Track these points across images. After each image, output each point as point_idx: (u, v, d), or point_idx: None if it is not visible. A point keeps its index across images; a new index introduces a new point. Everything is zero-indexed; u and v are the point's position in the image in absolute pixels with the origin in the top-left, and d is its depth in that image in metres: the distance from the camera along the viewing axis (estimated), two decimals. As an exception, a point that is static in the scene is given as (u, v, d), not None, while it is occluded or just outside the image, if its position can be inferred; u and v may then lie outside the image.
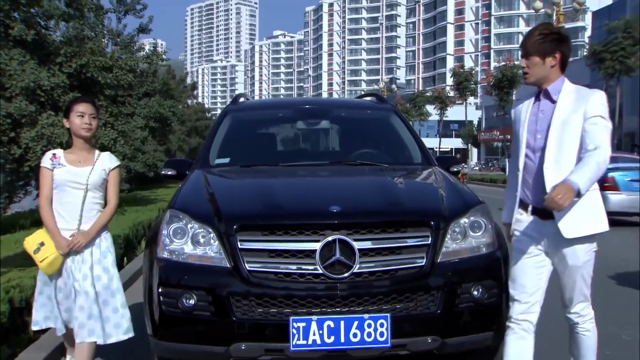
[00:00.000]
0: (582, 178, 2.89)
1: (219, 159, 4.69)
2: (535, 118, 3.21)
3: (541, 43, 3.10)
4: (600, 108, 3.06)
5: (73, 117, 3.69)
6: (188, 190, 3.90)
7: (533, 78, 3.17)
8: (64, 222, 3.61)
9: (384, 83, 54.74)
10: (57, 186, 3.61)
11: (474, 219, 3.45)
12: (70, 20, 10.63)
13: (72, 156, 3.70)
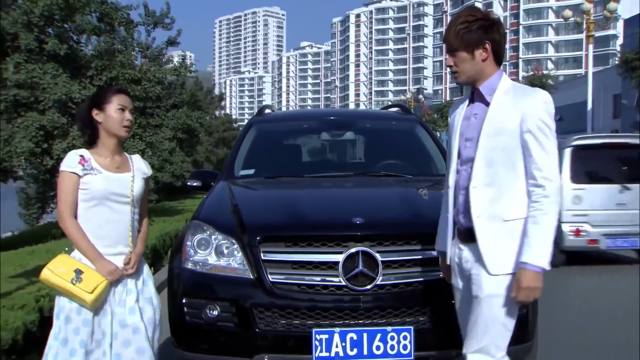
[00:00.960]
0: (542, 253, 2.40)
1: (243, 170, 4.73)
2: (467, 123, 2.65)
3: (466, 33, 2.52)
4: (542, 113, 2.47)
5: (110, 111, 2.91)
6: (212, 202, 3.94)
7: (464, 77, 2.60)
8: (106, 246, 2.86)
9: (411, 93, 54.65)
10: (93, 199, 2.83)
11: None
12: (102, 35, 10.87)
13: (105, 160, 2.92)
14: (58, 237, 12.03)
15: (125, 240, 2.92)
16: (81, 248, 2.82)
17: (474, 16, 2.55)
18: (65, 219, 2.82)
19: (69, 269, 2.78)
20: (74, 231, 2.81)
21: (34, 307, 4.32)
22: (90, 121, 2.95)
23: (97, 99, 2.98)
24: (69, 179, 2.84)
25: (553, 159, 2.46)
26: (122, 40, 14.28)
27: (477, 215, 2.52)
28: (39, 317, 4.28)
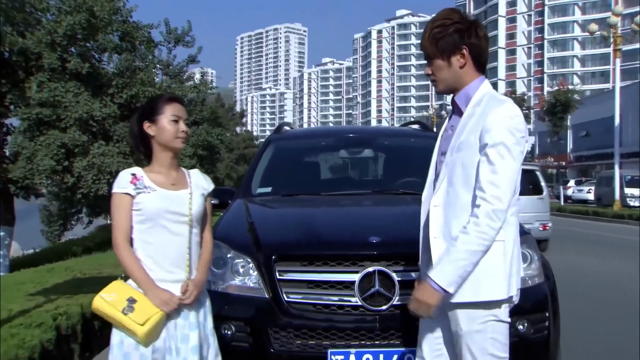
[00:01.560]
0: (446, 272, 2.22)
1: (261, 188, 4.76)
2: (445, 136, 2.50)
3: (441, 39, 2.34)
4: (501, 129, 2.23)
5: (163, 122, 2.65)
6: (228, 220, 3.96)
7: (442, 85, 2.42)
8: (162, 272, 2.59)
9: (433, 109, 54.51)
10: (148, 220, 2.59)
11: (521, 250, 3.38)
12: (123, 53, 11.07)
13: (159, 176, 2.67)
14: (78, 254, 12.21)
15: (181, 267, 2.63)
16: (134, 276, 2.57)
17: (450, 19, 2.36)
18: (118, 246, 2.58)
19: (122, 297, 2.52)
20: (127, 259, 2.56)
21: (51, 325, 4.37)
22: (143, 135, 2.70)
23: (148, 111, 2.72)
24: (122, 201, 2.60)
25: (502, 180, 2.20)
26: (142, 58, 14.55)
27: (434, 236, 2.37)
28: (56, 336, 4.33)
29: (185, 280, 2.63)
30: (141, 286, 2.56)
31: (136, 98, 10.76)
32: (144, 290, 2.55)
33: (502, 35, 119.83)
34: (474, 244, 2.21)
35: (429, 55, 2.40)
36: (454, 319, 2.36)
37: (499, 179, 2.21)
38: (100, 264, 8.15)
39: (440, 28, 2.34)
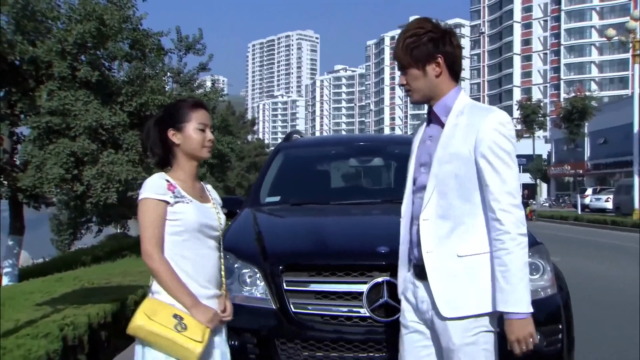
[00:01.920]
0: (520, 297, 2.20)
1: (269, 197, 4.77)
2: (422, 146, 2.46)
3: (415, 48, 2.32)
4: (498, 136, 2.24)
5: (189, 130, 2.53)
6: (236, 229, 3.97)
7: (418, 95, 2.40)
8: (198, 287, 2.47)
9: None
10: (185, 232, 2.46)
11: (531, 260, 3.35)
12: (133, 61, 11.18)
13: (186, 186, 2.54)
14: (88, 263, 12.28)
15: (217, 280, 2.56)
16: (175, 292, 2.40)
17: (422, 28, 2.34)
18: (154, 258, 2.39)
19: (166, 314, 2.35)
20: (167, 272, 2.39)
21: (57, 335, 4.39)
22: (163, 142, 2.58)
23: (172, 117, 2.58)
24: (158, 208, 2.41)
25: (511, 187, 2.24)
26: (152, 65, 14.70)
27: (427, 250, 2.33)
28: (62, 346, 4.35)
29: (221, 297, 2.58)
30: (185, 302, 2.39)
31: (146, 106, 10.86)
32: (187, 307, 2.40)
33: (518, 41, 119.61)
34: (522, 257, 2.24)
35: (404, 65, 2.37)
36: (445, 333, 2.32)
37: (510, 187, 2.24)
38: (109, 273, 8.19)
39: (414, 37, 2.33)
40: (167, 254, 2.43)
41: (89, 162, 9.86)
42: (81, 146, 9.60)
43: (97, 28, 9.92)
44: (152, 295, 2.46)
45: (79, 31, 9.80)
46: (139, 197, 2.46)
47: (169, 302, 2.40)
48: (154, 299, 2.42)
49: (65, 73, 9.96)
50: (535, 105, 57.10)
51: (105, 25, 10.02)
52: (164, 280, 2.40)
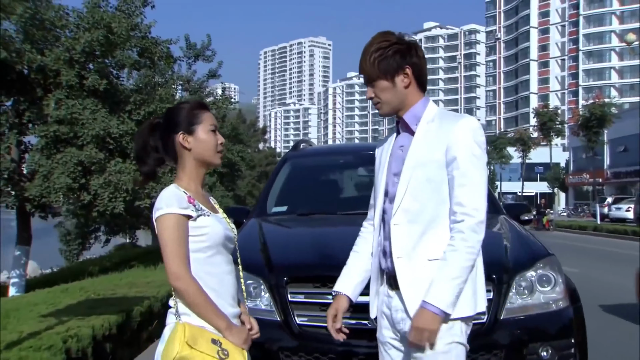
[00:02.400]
0: (443, 293, 2.18)
1: (276, 207, 4.78)
2: (394, 156, 2.48)
3: (382, 60, 2.36)
4: (469, 141, 2.29)
5: (201, 133, 2.36)
6: (241, 240, 3.96)
7: (387, 107, 2.43)
8: (227, 306, 2.35)
9: (462, 124, 54.26)
10: (211, 247, 2.33)
11: (542, 272, 3.35)
12: (141, 69, 11.28)
13: (200, 197, 2.40)
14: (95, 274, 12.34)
15: (237, 297, 2.44)
16: (207, 314, 2.26)
17: (387, 41, 2.39)
18: (183, 278, 2.22)
19: (206, 340, 2.22)
20: (197, 293, 2.24)
21: (60, 348, 4.41)
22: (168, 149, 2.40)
23: (179, 120, 2.38)
24: (181, 224, 2.26)
25: (478, 191, 2.26)
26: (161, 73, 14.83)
27: (398, 256, 2.34)
28: (65, 359, 4.37)
29: (245, 314, 2.47)
30: (219, 325, 2.26)
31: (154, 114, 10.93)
32: (221, 330, 2.27)
33: (534, 47, 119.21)
34: (465, 260, 2.22)
35: (371, 78, 2.41)
36: None
37: (475, 191, 2.26)
38: (116, 284, 8.22)
39: (381, 51, 2.37)
40: (194, 273, 2.27)
41: (96, 171, 9.95)
42: (88, 155, 9.69)
43: (105, 36, 10.03)
44: (179, 317, 2.27)
45: (86, 39, 9.92)
46: (157, 213, 2.28)
47: (200, 325, 2.26)
48: (187, 324, 2.24)
49: (73, 82, 10.07)
50: (552, 112, 56.75)
51: (113, 33, 10.13)
52: (195, 302, 2.24)
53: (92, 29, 10.10)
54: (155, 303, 6.47)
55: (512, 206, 4.75)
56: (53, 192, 9.85)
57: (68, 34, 10.72)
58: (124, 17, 10.38)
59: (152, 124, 2.47)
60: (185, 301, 2.27)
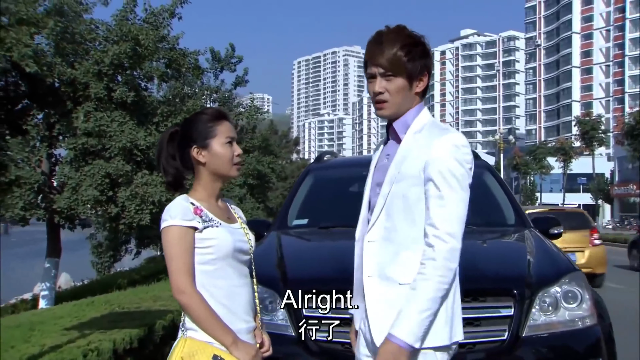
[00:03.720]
0: (411, 326, 2.05)
1: (297, 219, 4.79)
2: (380, 165, 2.34)
3: (410, 60, 2.19)
4: (449, 159, 2.13)
5: (216, 146, 2.35)
6: (258, 253, 3.98)
7: (393, 109, 2.24)
8: (237, 321, 2.32)
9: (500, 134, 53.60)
10: (218, 259, 2.31)
11: (567, 288, 3.28)
12: (169, 80, 11.48)
13: (212, 207, 2.39)
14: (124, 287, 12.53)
15: (253, 311, 2.42)
16: (212, 329, 2.24)
17: (413, 38, 2.22)
18: (186, 291, 2.22)
19: (206, 356, 2.22)
20: (202, 308, 2.23)
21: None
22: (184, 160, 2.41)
23: (193, 133, 2.38)
24: (186, 236, 2.25)
25: (453, 214, 2.11)
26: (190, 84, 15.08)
27: (369, 275, 2.24)
28: (84, 372, 4.44)
29: (258, 329, 2.42)
30: (224, 341, 2.24)
31: (181, 127, 11.12)
32: (226, 345, 2.24)
33: (577, 53, 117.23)
34: (436, 290, 2.08)
35: (390, 71, 2.19)
36: None
37: (451, 215, 2.11)
38: (141, 297, 8.33)
39: (408, 48, 2.19)
40: (199, 287, 2.26)
41: (124, 183, 10.14)
42: (115, 167, 9.89)
43: (133, 48, 10.25)
44: (185, 333, 2.28)
45: (114, 52, 10.15)
46: (162, 225, 2.29)
47: (206, 340, 2.25)
48: (189, 338, 2.25)
49: (101, 94, 10.31)
50: (594, 120, 55.72)
51: (140, 45, 10.34)
52: (198, 316, 2.23)
53: (120, 41, 10.34)
54: (179, 317, 6.51)
55: (540, 219, 4.67)
56: (81, 204, 10.07)
57: (97, 47, 10.99)
58: (151, 29, 10.60)
59: (171, 133, 2.48)
60: (190, 316, 2.27)
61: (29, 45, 9.67)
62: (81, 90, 10.88)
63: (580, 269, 3.48)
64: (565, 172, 59.85)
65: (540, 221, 4.65)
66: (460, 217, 2.14)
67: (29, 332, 6.01)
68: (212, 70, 14.58)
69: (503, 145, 49.10)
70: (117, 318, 6.29)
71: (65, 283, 22.43)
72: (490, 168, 5.25)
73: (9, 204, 10.27)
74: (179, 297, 2.25)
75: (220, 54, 16.82)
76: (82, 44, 11.30)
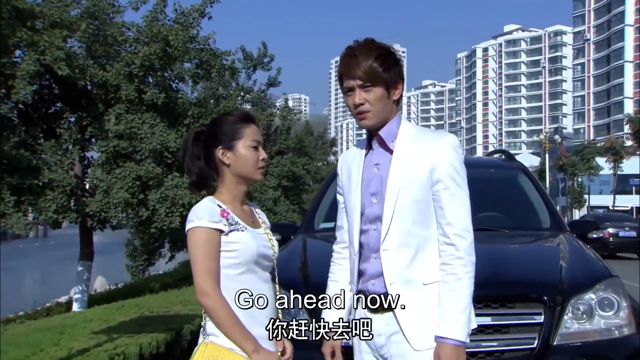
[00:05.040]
0: (459, 325, 2.20)
1: (324, 222, 4.78)
2: (369, 174, 2.41)
3: (386, 69, 2.31)
4: (454, 160, 2.30)
5: (241, 149, 2.39)
6: (282, 257, 4.01)
7: (375, 119, 2.33)
8: (259, 327, 2.32)
9: (546, 134, 52.74)
10: (242, 264, 2.34)
11: (603, 295, 3.21)
12: (200, 81, 11.62)
13: (237, 210, 2.42)
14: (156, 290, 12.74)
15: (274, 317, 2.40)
16: (234, 335, 2.26)
17: (386, 49, 2.36)
18: (210, 295, 2.24)
19: None
20: (224, 312, 2.25)
21: (105, 365, 4.58)
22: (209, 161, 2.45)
23: (220, 133, 2.41)
24: (211, 238, 2.28)
25: (465, 211, 2.30)
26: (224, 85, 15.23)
27: (391, 282, 2.32)
28: (110, 376, 4.53)
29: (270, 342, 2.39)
30: (245, 347, 2.25)
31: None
32: (248, 352, 2.26)
33: (630, 47, 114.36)
34: (469, 286, 2.26)
35: (369, 81, 2.30)
36: None
37: (464, 211, 2.30)
38: (171, 301, 8.46)
39: (383, 58, 2.32)
40: (224, 290, 2.28)
41: (154, 186, 10.29)
42: (146, 170, 10.05)
43: (163, 49, 10.41)
44: (207, 338, 2.31)
45: (144, 53, 10.32)
46: (188, 226, 2.32)
47: (227, 347, 2.27)
48: (210, 344, 2.28)
49: (132, 96, 10.49)
50: (647, 119, 54.30)
51: (170, 46, 10.49)
52: (220, 320, 2.25)
53: (151, 42, 10.51)
54: (207, 322, 6.60)
55: (578, 223, 4.61)
56: (112, 207, 10.26)
57: (128, 49, 11.19)
58: (181, 30, 10.74)
59: (196, 132, 2.51)
60: (212, 319, 2.28)
61: (62, 48, 9.89)
62: (112, 92, 11.09)
63: (618, 275, 3.40)
64: (615, 172, 58.44)
65: (578, 225, 4.57)
66: (469, 212, 2.33)
67: (59, 335, 6.16)
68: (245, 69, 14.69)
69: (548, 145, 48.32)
70: (146, 322, 6.40)
71: (100, 286, 22.90)
72: (525, 170, 5.19)
73: (42, 207, 10.51)
74: (202, 300, 2.27)
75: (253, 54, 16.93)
76: (114, 46, 11.52)
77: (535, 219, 4.54)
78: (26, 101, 10.35)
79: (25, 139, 10.67)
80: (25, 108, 11.06)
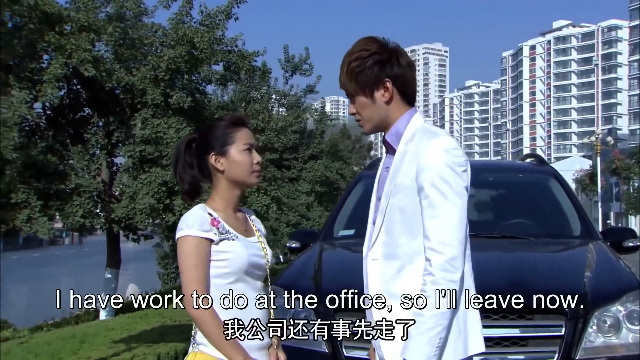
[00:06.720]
0: (422, 347, 2.09)
1: (344, 230, 4.80)
2: (382, 179, 2.42)
3: (360, 73, 2.28)
4: (440, 165, 2.17)
5: (234, 153, 2.43)
6: (297, 265, 4.06)
7: (369, 125, 2.36)
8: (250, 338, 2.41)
9: (597, 135, 51.62)
10: (232, 273, 2.39)
11: (631, 307, 3.15)
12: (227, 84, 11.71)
13: (230, 218, 2.46)
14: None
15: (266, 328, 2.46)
16: (222, 345, 2.30)
17: (367, 50, 2.30)
18: (192, 307, 2.31)
19: None
20: (212, 323, 2.30)
21: (120, 374, 4.66)
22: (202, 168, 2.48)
23: (211, 140, 2.46)
24: (201, 247, 2.33)
25: (447, 222, 2.15)
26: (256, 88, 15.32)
27: (375, 293, 2.31)
28: (125, 386, 4.60)
29: (272, 346, 2.48)
30: (234, 358, 2.30)
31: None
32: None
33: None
34: (437, 306, 2.12)
35: (350, 92, 2.33)
36: None
37: (444, 223, 2.15)
38: (195, 310, 8.54)
39: (358, 61, 2.29)
40: (218, 301, 2.33)
41: (179, 192, 10.39)
42: (172, 175, 10.16)
43: (189, 52, 10.52)
44: (196, 347, 2.38)
45: (170, 56, 10.44)
46: (177, 234, 2.37)
47: (216, 356, 2.33)
48: (200, 353, 2.36)
49: (158, 100, 10.62)
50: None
51: (196, 48, 10.59)
52: (209, 331, 2.31)
53: (176, 45, 10.63)
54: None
55: (612, 231, 4.53)
56: (138, 213, 10.38)
57: (154, 52, 11.34)
58: (206, 31, 10.82)
59: (188, 140, 2.58)
60: (202, 330, 2.34)
61: (88, 51, 10.08)
62: (139, 96, 11.25)
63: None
64: (674, 177, 56.94)
65: (613, 232, 4.50)
66: (455, 224, 2.16)
67: (79, 344, 6.30)
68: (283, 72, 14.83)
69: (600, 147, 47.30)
70: (167, 331, 6.49)
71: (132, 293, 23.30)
72: (557, 174, 5.11)
73: (69, 212, 10.72)
74: (189, 310, 2.33)
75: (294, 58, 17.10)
76: (140, 49, 11.69)
77: (565, 226, 4.48)
78: (53, 104, 10.57)
79: (53, 144, 10.90)
80: (52, 113, 11.31)
